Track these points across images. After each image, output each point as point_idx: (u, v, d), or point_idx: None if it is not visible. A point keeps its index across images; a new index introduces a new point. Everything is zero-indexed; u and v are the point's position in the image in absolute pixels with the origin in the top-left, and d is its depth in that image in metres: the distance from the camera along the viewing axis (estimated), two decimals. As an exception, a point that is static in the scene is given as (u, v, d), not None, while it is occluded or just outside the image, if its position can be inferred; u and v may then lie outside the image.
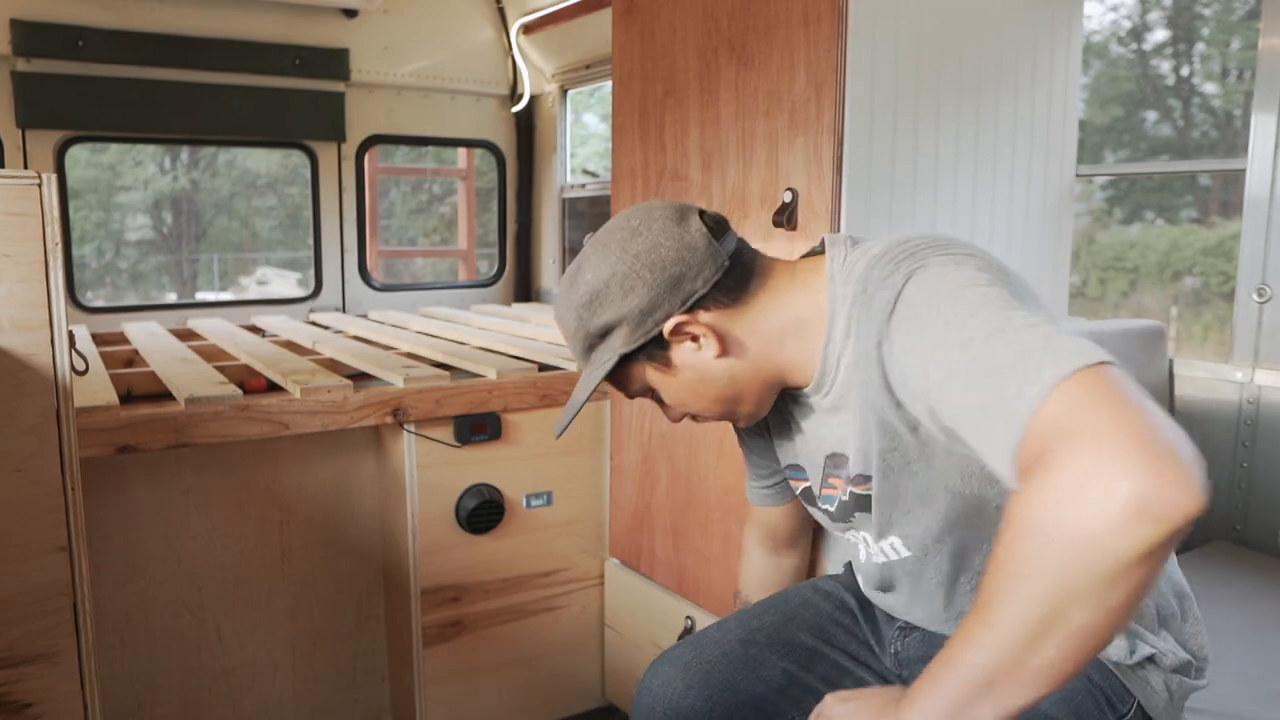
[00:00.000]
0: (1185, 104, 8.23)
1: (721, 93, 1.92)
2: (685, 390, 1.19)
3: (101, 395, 1.97)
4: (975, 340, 0.88)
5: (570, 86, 3.83)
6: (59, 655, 1.43)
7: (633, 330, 1.14)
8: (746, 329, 1.16)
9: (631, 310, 1.13)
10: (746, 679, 1.31)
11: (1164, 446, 0.72)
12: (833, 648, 1.36)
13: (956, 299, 0.94)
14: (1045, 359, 0.81)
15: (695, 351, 1.16)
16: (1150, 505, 0.70)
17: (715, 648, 1.34)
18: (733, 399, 1.20)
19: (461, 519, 2.26)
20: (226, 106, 3.31)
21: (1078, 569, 0.72)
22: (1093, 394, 0.77)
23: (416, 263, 8.37)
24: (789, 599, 1.45)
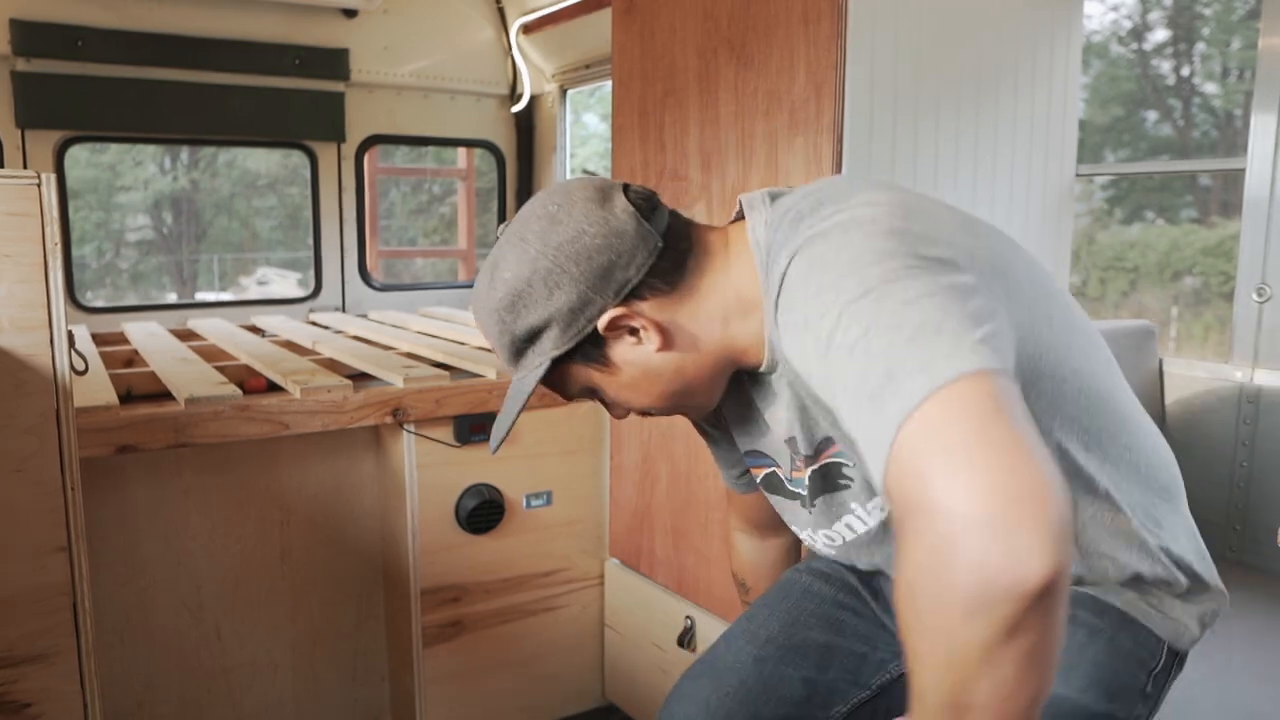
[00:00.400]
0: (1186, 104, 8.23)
1: (721, 92, 1.92)
2: (628, 389, 1.10)
3: (101, 395, 1.97)
4: (846, 348, 0.79)
5: (570, 86, 3.83)
6: (59, 655, 1.43)
7: (564, 330, 1.05)
8: (689, 315, 1.06)
9: (560, 309, 1.03)
10: (768, 705, 1.25)
11: (1012, 498, 0.64)
12: (846, 636, 1.31)
13: (823, 293, 0.85)
14: (912, 371, 0.72)
15: (635, 346, 1.06)
16: (997, 582, 0.63)
17: (731, 676, 1.28)
18: (681, 392, 1.10)
19: (461, 519, 2.26)
20: (226, 106, 3.31)
21: (955, 659, 0.67)
22: (951, 424, 0.69)
23: (416, 263, 8.37)
24: (789, 592, 1.38)
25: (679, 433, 2.13)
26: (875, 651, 1.31)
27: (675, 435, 2.14)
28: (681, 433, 2.12)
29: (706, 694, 1.27)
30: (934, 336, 0.74)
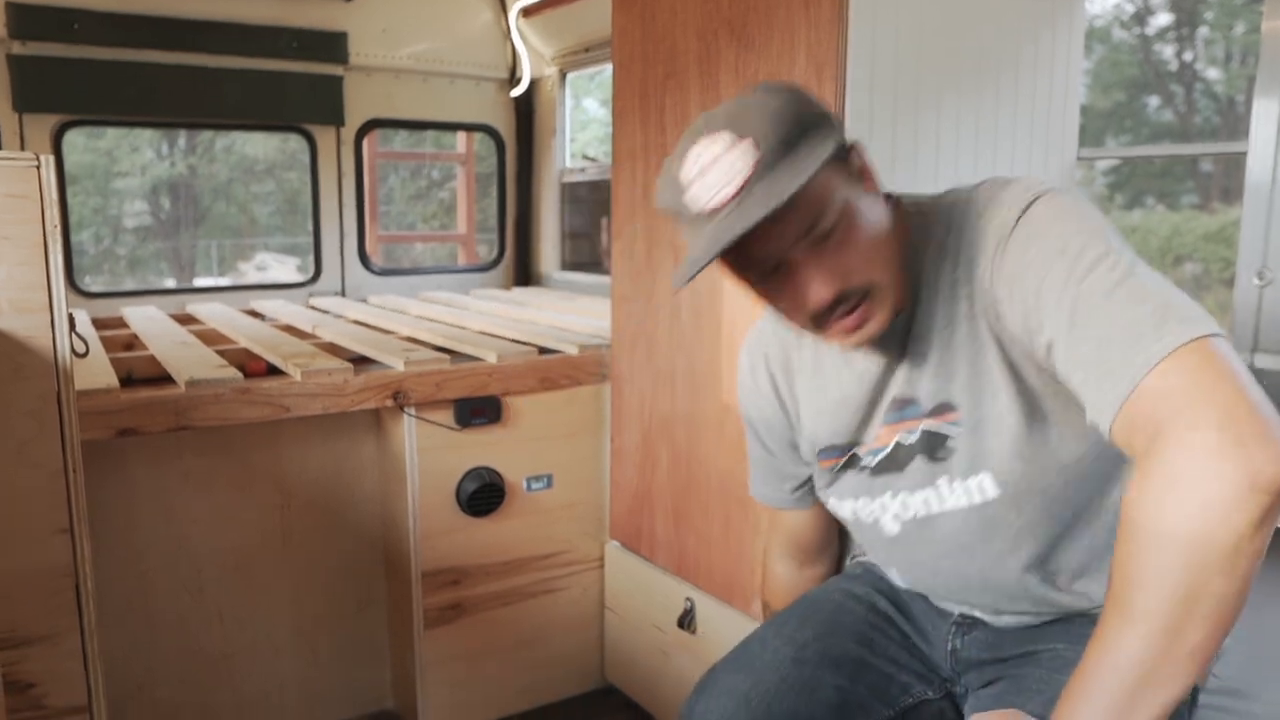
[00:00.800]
0: (1188, 89, 8.20)
1: (722, 75, 1.92)
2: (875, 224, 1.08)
3: (101, 378, 1.97)
4: (1097, 288, 0.94)
5: (570, 70, 3.82)
6: (61, 636, 1.44)
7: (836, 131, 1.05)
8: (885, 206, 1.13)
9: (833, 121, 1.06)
10: (806, 704, 1.24)
11: (1259, 425, 0.83)
12: (876, 655, 1.31)
13: (1082, 233, 0.98)
14: (1164, 324, 0.89)
15: (869, 191, 1.09)
16: (1255, 481, 0.80)
17: (771, 673, 1.27)
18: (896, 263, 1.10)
19: (462, 502, 2.26)
20: (224, 90, 3.29)
21: (1206, 549, 0.81)
22: (1200, 370, 0.86)
23: (416, 248, 8.36)
24: (821, 605, 1.39)
25: (680, 415, 2.13)
26: (901, 674, 1.31)
27: (676, 418, 2.14)
28: (682, 415, 2.12)
29: (746, 689, 1.25)
30: (1187, 302, 0.91)
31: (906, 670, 1.32)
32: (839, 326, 1.09)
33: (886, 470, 1.23)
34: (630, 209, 2.23)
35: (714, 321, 2.00)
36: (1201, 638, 0.84)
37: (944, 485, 1.19)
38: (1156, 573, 0.84)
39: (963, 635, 1.31)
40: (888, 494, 1.24)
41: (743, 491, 1.95)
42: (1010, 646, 1.26)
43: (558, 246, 3.92)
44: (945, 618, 1.33)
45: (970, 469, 1.16)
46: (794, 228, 1.03)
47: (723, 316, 1.97)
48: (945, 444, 1.17)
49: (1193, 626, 0.83)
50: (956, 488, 1.17)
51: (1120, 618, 0.87)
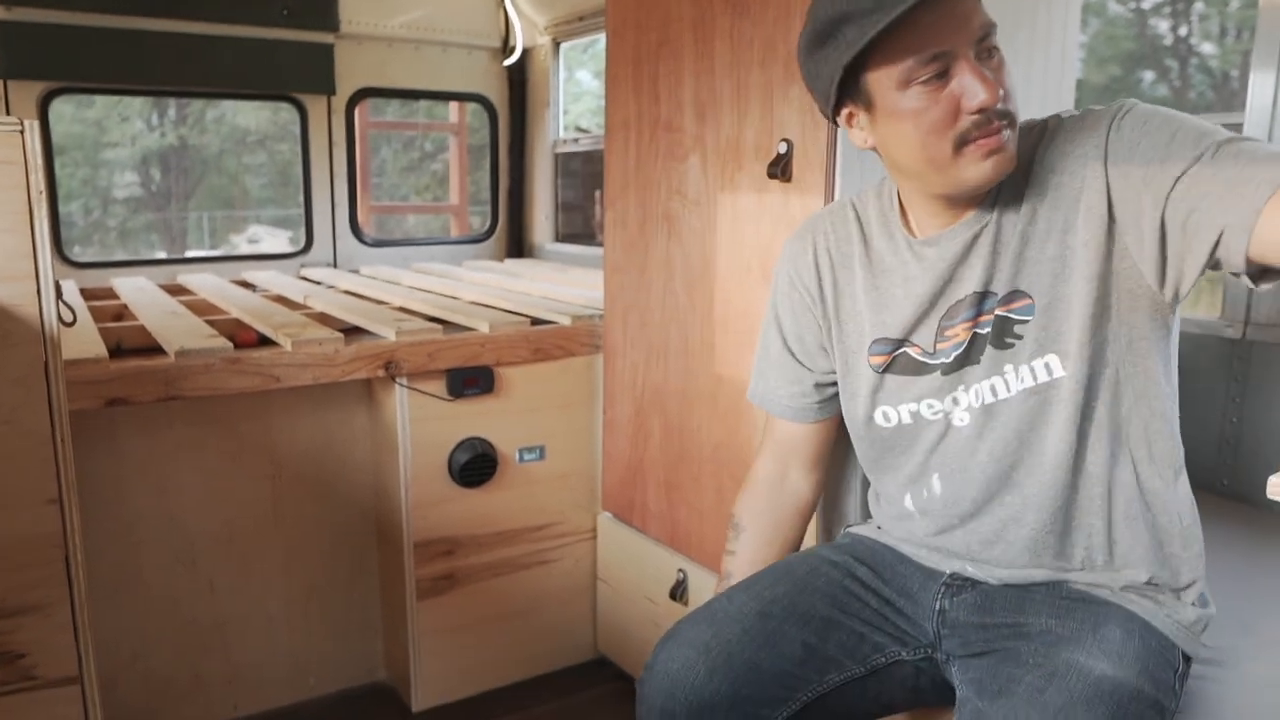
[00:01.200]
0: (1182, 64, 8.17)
1: (716, 42, 1.90)
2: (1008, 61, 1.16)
3: (90, 348, 1.96)
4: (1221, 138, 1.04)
5: (563, 39, 3.78)
6: (52, 606, 1.43)
7: None
8: None
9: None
10: (769, 655, 1.26)
11: None
12: (848, 615, 1.33)
13: (1185, 116, 1.09)
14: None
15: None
16: None
17: (733, 624, 1.29)
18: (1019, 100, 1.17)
19: (454, 473, 2.26)
20: (213, 57, 3.25)
21: None
22: None
23: (409, 219, 8.32)
24: (794, 568, 1.41)
25: (672, 387, 2.12)
26: (874, 634, 1.33)
27: (668, 389, 2.14)
28: (675, 387, 2.12)
29: (706, 638, 1.28)
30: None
31: (881, 631, 1.33)
32: (983, 144, 1.11)
33: (961, 366, 1.25)
34: (624, 179, 2.21)
35: (706, 294, 1.99)
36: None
37: (1009, 371, 1.22)
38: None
39: (952, 596, 1.32)
40: (960, 388, 1.26)
41: (735, 463, 1.96)
42: (999, 612, 1.26)
43: (551, 218, 3.90)
44: (935, 579, 1.34)
45: (1037, 351, 1.20)
46: (975, 21, 1.10)
47: (715, 289, 1.96)
48: (1013, 329, 1.21)
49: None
50: (1023, 370, 1.21)
51: None
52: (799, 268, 1.42)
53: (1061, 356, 1.19)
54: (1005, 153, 1.13)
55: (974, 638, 1.27)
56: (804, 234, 1.43)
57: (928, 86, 1.10)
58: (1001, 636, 1.24)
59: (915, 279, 1.28)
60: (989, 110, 1.09)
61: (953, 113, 1.10)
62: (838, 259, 1.38)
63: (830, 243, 1.39)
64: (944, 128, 1.11)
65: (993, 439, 1.25)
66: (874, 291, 1.33)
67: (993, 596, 1.29)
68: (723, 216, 1.93)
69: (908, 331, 1.30)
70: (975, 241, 1.22)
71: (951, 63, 1.09)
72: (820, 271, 1.39)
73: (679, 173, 2.03)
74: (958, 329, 1.25)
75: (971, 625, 1.28)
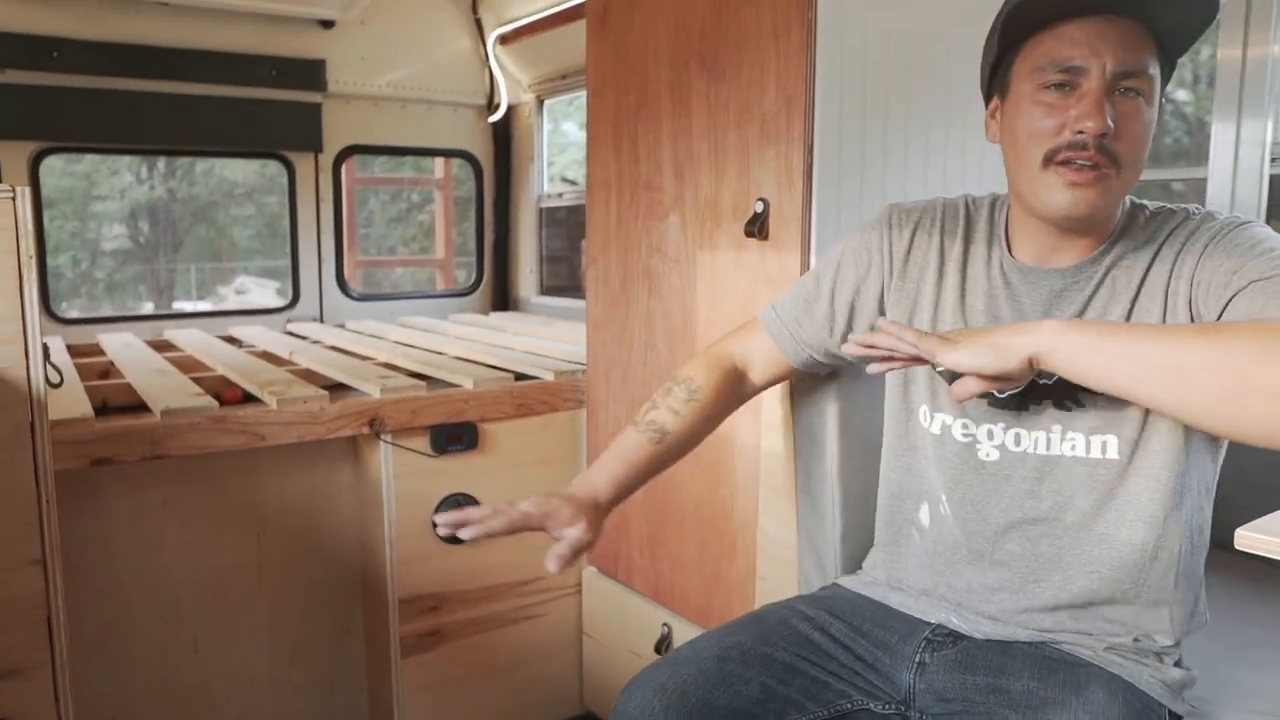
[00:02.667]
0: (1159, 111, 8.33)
1: (694, 104, 1.95)
2: (1149, 117, 1.16)
3: (76, 407, 1.97)
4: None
5: (547, 96, 3.85)
6: (33, 670, 1.43)
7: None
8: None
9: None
10: (724, 694, 1.27)
11: None
12: (812, 664, 1.33)
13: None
14: None
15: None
16: None
17: (689, 665, 1.30)
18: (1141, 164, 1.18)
19: (438, 529, 2.26)
20: (203, 117, 3.30)
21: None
22: None
23: (395, 271, 8.35)
24: (764, 617, 1.41)
25: (655, 441, 2.14)
26: (841, 684, 1.32)
27: (651, 443, 2.16)
28: (657, 441, 2.14)
29: (663, 679, 1.28)
30: None
31: (849, 684, 1.33)
32: (1069, 172, 1.13)
33: (1009, 406, 1.25)
34: (605, 237, 2.25)
35: (687, 350, 2.02)
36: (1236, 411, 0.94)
37: (1057, 431, 1.23)
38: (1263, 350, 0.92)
39: (934, 651, 1.32)
40: (1001, 424, 1.27)
41: (717, 518, 1.97)
42: (980, 670, 1.27)
43: (536, 271, 3.94)
44: (918, 631, 1.34)
45: (1098, 428, 1.20)
46: (1124, 56, 1.12)
47: (695, 346, 1.99)
48: (1077, 396, 1.21)
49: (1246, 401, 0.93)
50: (1076, 439, 1.22)
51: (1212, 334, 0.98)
52: (894, 237, 1.38)
53: (1121, 441, 1.20)
54: (1091, 190, 1.13)
55: (952, 695, 1.27)
56: (912, 213, 1.39)
57: (1051, 92, 1.15)
58: (981, 695, 1.24)
59: (998, 299, 1.28)
60: (1090, 138, 1.11)
61: (1058, 126, 1.13)
62: (935, 248, 1.35)
63: (936, 229, 1.36)
64: (1044, 136, 1.15)
65: (1019, 489, 1.26)
66: (956, 292, 1.31)
67: (974, 653, 1.29)
68: (702, 274, 1.96)
69: None
70: (1064, 294, 1.23)
71: (1081, 80, 1.12)
72: (914, 247, 1.37)
73: (659, 231, 2.07)
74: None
75: (950, 682, 1.28)
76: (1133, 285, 1.19)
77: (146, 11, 3.16)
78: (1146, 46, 1.13)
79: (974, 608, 1.31)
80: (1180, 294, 1.15)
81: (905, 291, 1.37)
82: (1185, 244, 1.16)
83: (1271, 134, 2.00)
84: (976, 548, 1.31)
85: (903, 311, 1.36)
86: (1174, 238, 1.18)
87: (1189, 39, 1.16)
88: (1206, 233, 1.15)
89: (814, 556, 1.77)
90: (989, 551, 1.30)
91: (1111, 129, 1.11)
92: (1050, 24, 1.14)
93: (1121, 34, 1.12)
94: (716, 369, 1.48)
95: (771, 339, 1.48)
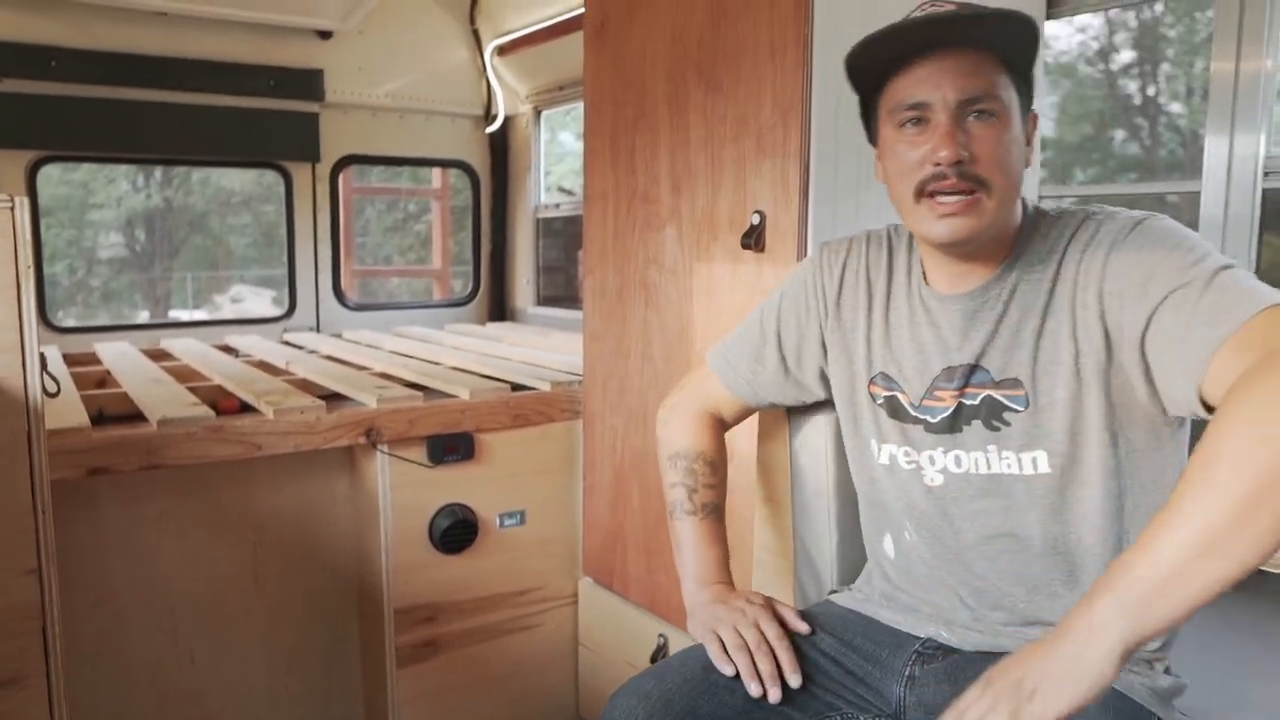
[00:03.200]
0: (1152, 123, 8.34)
1: (691, 117, 1.96)
2: (1017, 154, 1.19)
3: (73, 417, 1.97)
4: (1198, 280, 1.05)
5: (544, 108, 3.86)
6: (28, 679, 1.43)
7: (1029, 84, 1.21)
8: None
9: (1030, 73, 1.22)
10: (708, 703, 1.27)
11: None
12: (802, 676, 1.32)
13: (1189, 240, 1.10)
14: (1254, 295, 1.00)
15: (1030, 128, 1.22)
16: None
17: (675, 675, 1.31)
18: (1010, 204, 1.20)
19: (435, 539, 2.26)
20: (200, 127, 3.31)
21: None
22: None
23: (392, 281, 8.36)
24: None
25: (651, 453, 2.15)
26: (830, 696, 1.33)
27: (648, 455, 2.16)
28: (654, 452, 2.14)
29: (649, 688, 1.29)
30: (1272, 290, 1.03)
31: (838, 697, 1.33)
32: (939, 203, 1.17)
33: (945, 430, 1.27)
34: (602, 248, 2.26)
35: (683, 361, 2.02)
36: (1271, 522, 0.87)
37: (993, 452, 1.24)
38: (1244, 448, 0.88)
39: (923, 664, 1.32)
40: (940, 449, 1.28)
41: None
42: (969, 684, 1.27)
43: (532, 282, 3.95)
44: (908, 644, 1.35)
45: (1027, 444, 1.21)
46: (966, 83, 1.15)
47: (692, 357, 2.00)
48: (1003, 415, 1.22)
49: (1267, 506, 0.86)
50: (1008, 456, 1.23)
51: (1201, 483, 0.90)
52: (825, 278, 1.42)
53: (1050, 454, 1.20)
54: (963, 218, 1.16)
55: (943, 708, 1.27)
56: (841, 248, 1.43)
57: (908, 129, 1.18)
58: None
59: (920, 326, 1.30)
60: (947, 167, 1.14)
61: (920, 160, 1.17)
62: (863, 283, 1.38)
63: (862, 265, 1.39)
64: (909, 171, 1.18)
65: (969, 510, 1.27)
66: (884, 325, 1.34)
67: (964, 666, 1.29)
68: (699, 285, 1.97)
69: (902, 377, 1.32)
70: (976, 315, 1.24)
71: (930, 114, 1.16)
72: (844, 285, 1.40)
73: (656, 243, 2.08)
74: (946, 394, 1.27)
75: (941, 695, 1.28)
76: (1040, 301, 1.20)
77: (144, 21, 3.17)
78: (991, 70, 1.16)
79: (960, 623, 1.32)
80: (1090, 306, 1.15)
81: (841, 330, 1.40)
82: (1087, 251, 1.17)
83: (1264, 148, 2.00)
84: (946, 570, 1.32)
85: (842, 349, 1.40)
86: (1075, 244, 1.18)
87: (1026, 58, 1.20)
88: (1108, 236, 1.15)
89: (810, 569, 1.77)
90: (959, 572, 1.31)
91: (966, 155, 1.14)
92: (899, 68, 1.18)
93: (963, 64, 1.15)
94: (707, 427, 1.55)
95: (730, 391, 1.53)
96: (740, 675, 1.28)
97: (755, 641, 1.30)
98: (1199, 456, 0.92)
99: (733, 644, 1.31)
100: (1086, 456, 1.20)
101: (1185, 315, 1.04)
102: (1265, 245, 2.02)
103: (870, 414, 1.37)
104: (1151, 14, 5.29)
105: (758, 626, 1.32)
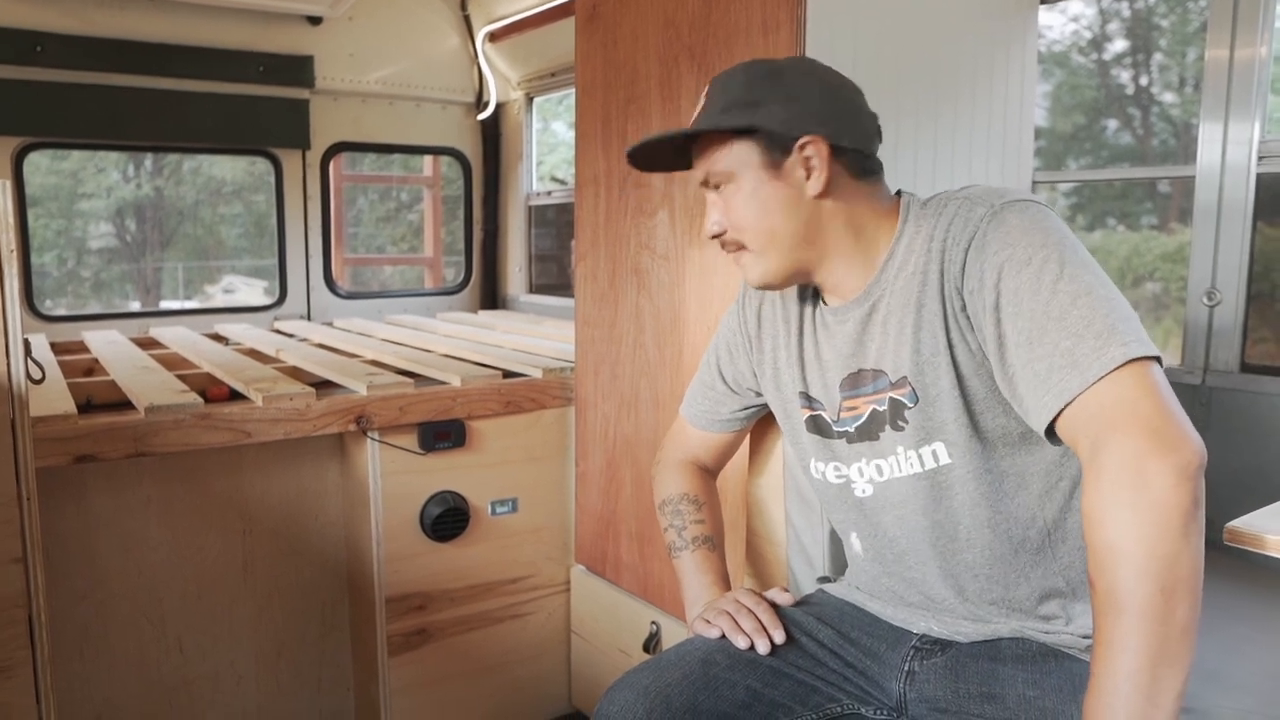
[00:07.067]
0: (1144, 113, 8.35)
1: (683, 100, 1.94)
2: (761, 205, 1.24)
3: (59, 404, 1.95)
4: (1051, 307, 1.05)
5: (536, 94, 3.84)
6: (14, 669, 1.42)
7: (782, 118, 1.22)
8: (844, 202, 1.25)
9: (794, 101, 1.22)
10: (709, 698, 1.27)
11: (1179, 432, 0.97)
12: (800, 669, 1.33)
13: (1045, 247, 1.09)
14: (1113, 339, 1.01)
15: (801, 178, 1.23)
16: (1182, 470, 0.95)
17: (674, 670, 1.30)
18: (787, 243, 1.25)
19: (426, 527, 2.25)
20: (190, 114, 3.28)
21: (1164, 537, 0.94)
22: (1138, 388, 1.00)
23: (384, 270, 8.32)
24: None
25: (643, 439, 2.14)
26: (830, 688, 1.33)
27: (639, 441, 2.15)
28: (646, 439, 2.13)
29: (647, 682, 1.29)
30: (1131, 319, 1.04)
31: (838, 689, 1.33)
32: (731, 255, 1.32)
33: (863, 438, 1.29)
34: (594, 234, 2.24)
35: (675, 347, 2.01)
36: (1186, 610, 0.94)
37: (900, 452, 1.26)
38: (1132, 573, 0.95)
39: (922, 659, 1.32)
40: (863, 460, 1.31)
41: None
42: (971, 679, 1.26)
43: (524, 269, 3.93)
44: (905, 640, 1.34)
45: (924, 438, 1.23)
46: (701, 165, 1.28)
47: (684, 342, 1.99)
48: (903, 413, 1.24)
49: (1176, 604, 0.94)
50: (911, 455, 1.25)
51: (1114, 622, 0.96)
52: (747, 314, 1.49)
53: (948, 445, 1.22)
54: (745, 270, 1.30)
55: (945, 703, 1.27)
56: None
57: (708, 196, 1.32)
58: (975, 704, 1.23)
59: (820, 342, 1.35)
60: (711, 235, 1.30)
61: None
62: (778, 310, 1.43)
63: (778, 296, 1.44)
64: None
65: (899, 513, 1.29)
66: (798, 348, 1.39)
67: (963, 660, 1.29)
68: (691, 271, 1.96)
69: (818, 395, 1.35)
70: (868, 320, 1.27)
71: (707, 189, 1.31)
72: (762, 319, 1.46)
73: (648, 228, 2.06)
74: (858, 402, 1.29)
75: (942, 690, 1.28)
76: (914, 294, 1.21)
77: (132, 6, 3.14)
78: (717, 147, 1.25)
79: (947, 614, 1.32)
80: (954, 299, 1.17)
81: (764, 360, 1.46)
82: (948, 240, 1.17)
83: (1259, 133, 2.00)
84: (906, 568, 1.33)
85: (770, 379, 1.45)
86: (938, 233, 1.19)
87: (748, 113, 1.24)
88: (967, 227, 1.16)
89: (803, 557, 1.77)
90: (917, 568, 1.31)
91: (721, 223, 1.28)
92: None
93: (700, 150, 1.28)
94: (687, 472, 1.63)
95: (700, 429, 1.61)
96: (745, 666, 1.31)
97: (735, 607, 1.38)
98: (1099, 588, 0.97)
99: (715, 611, 1.38)
100: (987, 438, 1.21)
101: (1041, 349, 1.05)
102: (1258, 234, 2.01)
103: (804, 435, 1.40)
104: (1144, 3, 5.29)
105: (737, 600, 1.40)
